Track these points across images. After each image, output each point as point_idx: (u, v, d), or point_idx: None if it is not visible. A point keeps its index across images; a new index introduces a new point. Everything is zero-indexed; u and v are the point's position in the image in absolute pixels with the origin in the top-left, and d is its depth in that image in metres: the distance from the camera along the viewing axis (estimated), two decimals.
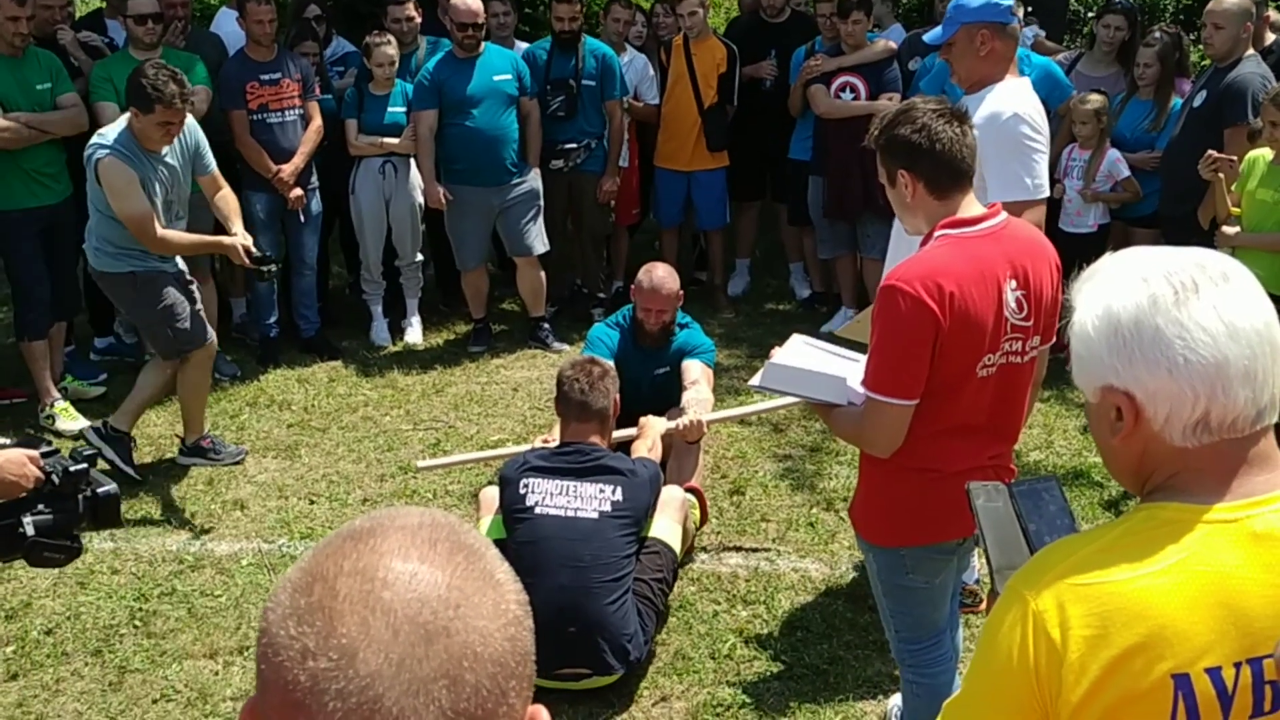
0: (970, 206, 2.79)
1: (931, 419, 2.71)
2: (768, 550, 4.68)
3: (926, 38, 3.97)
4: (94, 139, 4.95)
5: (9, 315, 6.93)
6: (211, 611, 4.27)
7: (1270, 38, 6.20)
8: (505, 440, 5.59)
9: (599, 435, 4.04)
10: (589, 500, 3.78)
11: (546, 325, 6.93)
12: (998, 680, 1.46)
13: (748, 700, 3.78)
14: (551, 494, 3.78)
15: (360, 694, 0.81)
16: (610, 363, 4.39)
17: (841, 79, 6.67)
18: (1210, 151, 5.05)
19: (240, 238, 5.11)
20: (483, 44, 6.58)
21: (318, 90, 6.53)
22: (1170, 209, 5.56)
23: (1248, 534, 1.40)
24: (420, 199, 6.73)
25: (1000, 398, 2.78)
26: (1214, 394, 1.39)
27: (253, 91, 6.22)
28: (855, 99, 6.66)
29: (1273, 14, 6.62)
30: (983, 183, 3.63)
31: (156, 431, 5.74)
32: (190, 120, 5.10)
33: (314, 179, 6.53)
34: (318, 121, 6.42)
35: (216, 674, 3.93)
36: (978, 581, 4.11)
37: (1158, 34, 6.37)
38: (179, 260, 5.20)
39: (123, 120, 4.97)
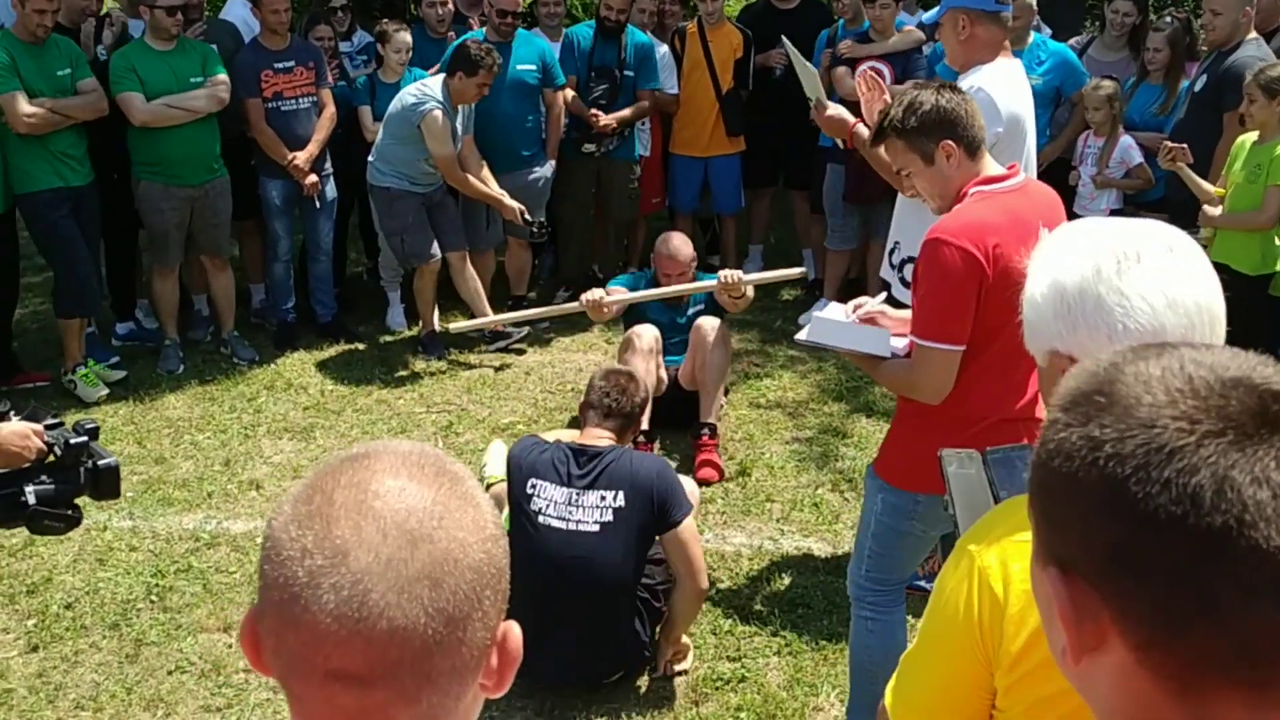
0: (992, 166, 2.93)
1: (975, 365, 2.83)
2: (771, 530, 4.74)
3: (924, 18, 4.10)
4: (423, 93, 6.13)
5: (32, 301, 7.08)
6: (226, 587, 4.38)
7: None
8: (516, 424, 5.67)
9: (615, 436, 3.97)
10: (590, 510, 3.75)
11: (526, 303, 7.10)
12: (946, 632, 1.53)
13: (748, 675, 3.85)
14: (555, 502, 3.77)
15: (351, 587, 0.90)
16: (639, 373, 4.32)
17: (868, 63, 6.68)
18: (1165, 143, 5.16)
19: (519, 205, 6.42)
20: (516, 32, 6.70)
21: (330, 78, 6.61)
22: (1175, 193, 5.58)
23: None
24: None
25: None
26: None
27: (267, 80, 6.31)
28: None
29: None
30: None
31: (175, 414, 5.86)
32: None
33: (329, 165, 6.63)
34: (331, 109, 6.51)
35: (230, 647, 4.03)
36: None
37: (1168, 19, 6.37)
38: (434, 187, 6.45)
39: (439, 80, 6.20)
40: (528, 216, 6.42)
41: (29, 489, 2.42)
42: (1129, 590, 0.82)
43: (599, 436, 3.92)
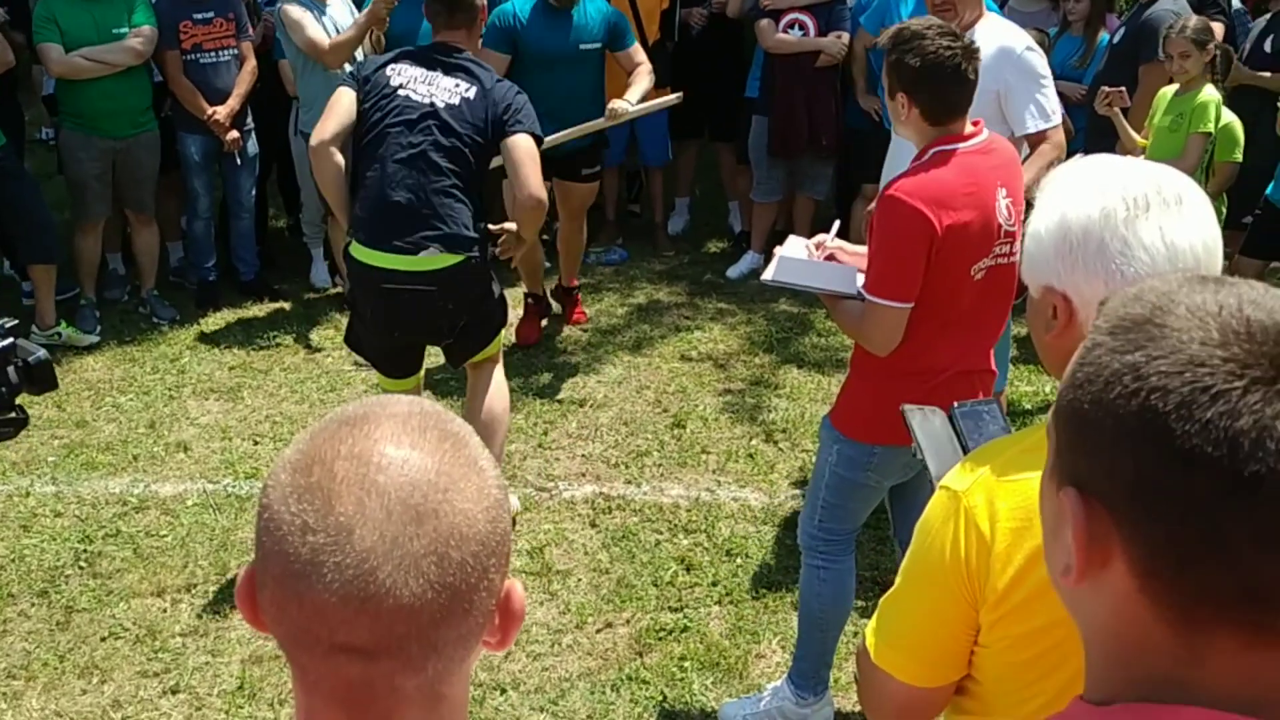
0: (960, 127, 2.94)
1: (927, 320, 2.89)
2: (708, 481, 4.78)
3: None
4: None
5: None
6: (157, 551, 4.30)
7: None
8: (449, 379, 5.62)
9: (467, 38, 4.17)
10: (444, 92, 3.97)
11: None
12: (932, 573, 1.55)
13: (689, 624, 3.89)
14: (415, 79, 3.98)
15: (356, 567, 0.88)
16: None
17: (790, 16, 6.67)
18: (1103, 88, 5.24)
19: None
20: None
21: (251, 30, 6.44)
22: (1094, 145, 5.68)
23: None
24: None
25: (988, 297, 2.97)
26: None
27: (186, 31, 6.12)
28: (804, 36, 6.67)
29: None
30: (998, 114, 3.78)
31: (95, 376, 5.71)
32: None
33: (249, 121, 6.46)
34: (252, 62, 6.33)
35: (164, 611, 3.97)
36: None
37: None
38: None
39: None
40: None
41: None
42: (1145, 520, 0.82)
43: (454, 37, 4.13)
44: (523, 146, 3.96)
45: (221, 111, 6.17)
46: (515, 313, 6.31)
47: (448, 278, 3.91)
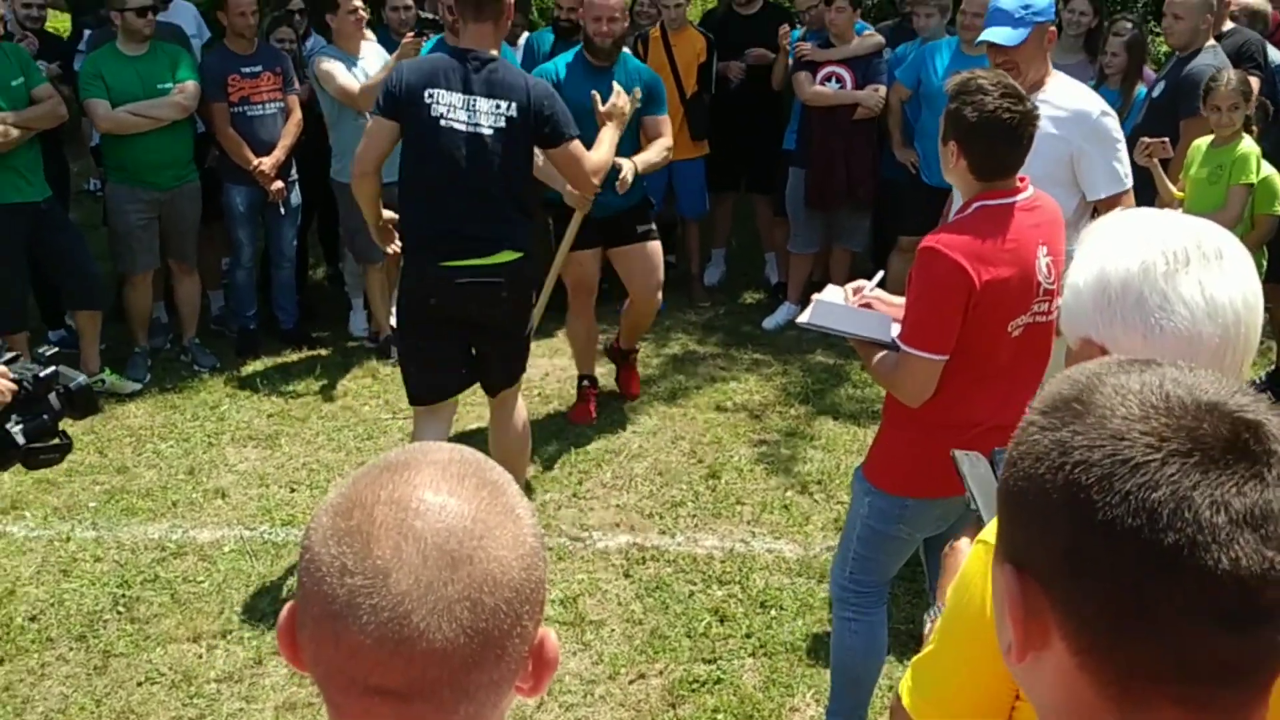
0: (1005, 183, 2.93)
1: (962, 373, 2.87)
2: (743, 532, 4.76)
3: (997, 39, 3.73)
4: (314, 55, 6.10)
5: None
6: (194, 597, 4.33)
7: (1229, 25, 6.31)
8: (483, 429, 5.63)
9: (494, 39, 4.20)
10: (486, 116, 4.06)
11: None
12: (969, 628, 1.54)
13: (723, 676, 3.86)
14: (454, 106, 4.05)
15: (392, 609, 0.90)
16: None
17: (827, 69, 6.72)
18: (1143, 139, 5.21)
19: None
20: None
21: (297, 83, 6.57)
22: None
23: None
24: None
25: (1025, 353, 2.95)
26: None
27: (234, 84, 6.26)
28: (841, 89, 6.71)
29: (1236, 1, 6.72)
30: (1070, 176, 3.75)
31: (137, 423, 5.78)
32: None
33: (293, 172, 6.58)
34: (297, 114, 6.46)
35: (200, 657, 3.99)
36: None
37: (1126, 24, 6.46)
38: None
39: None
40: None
41: (15, 429, 2.43)
42: (1076, 594, 0.84)
43: (481, 38, 4.13)
44: (565, 156, 4.22)
45: (267, 162, 6.29)
46: (552, 377, 6.36)
47: (513, 270, 4.19)
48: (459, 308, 4.17)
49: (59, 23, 8.99)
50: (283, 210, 6.53)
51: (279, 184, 6.40)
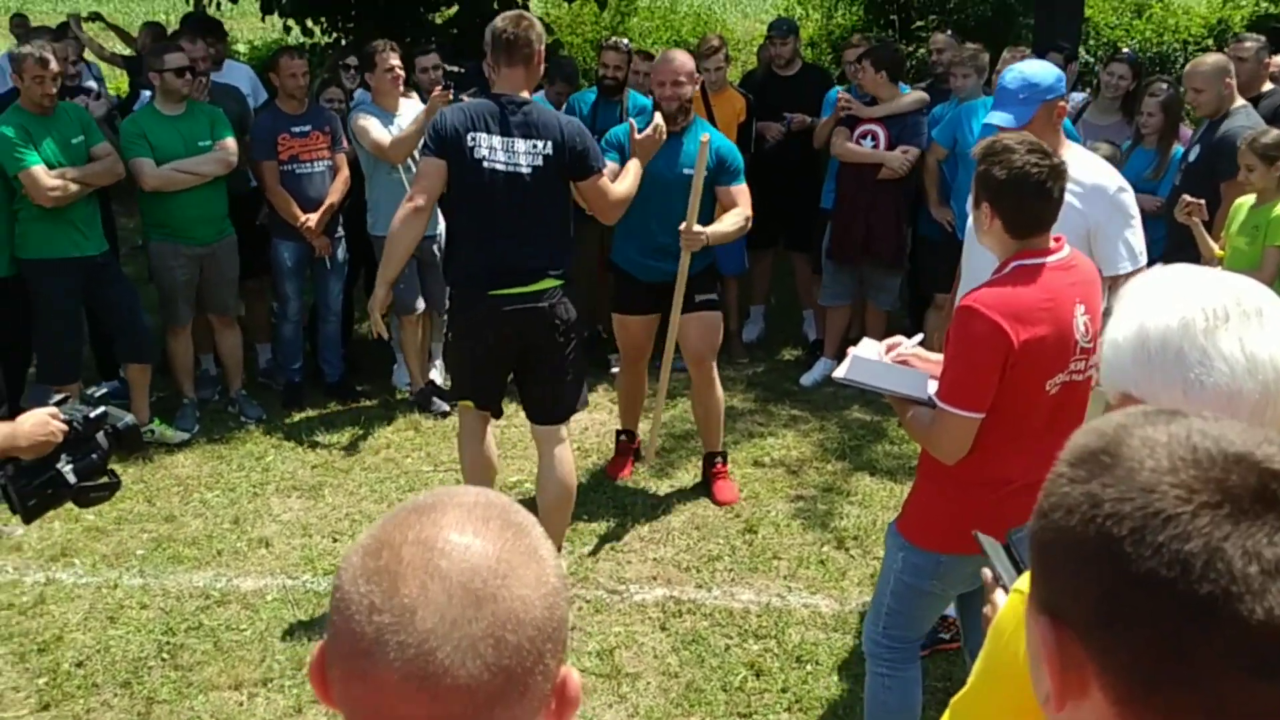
0: (1041, 242, 2.96)
1: (998, 431, 2.90)
2: (779, 586, 4.77)
3: (1000, 122, 3.73)
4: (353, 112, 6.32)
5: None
6: (237, 645, 4.39)
7: (1269, 86, 6.34)
8: (524, 481, 5.71)
9: (525, 83, 4.46)
10: (524, 156, 4.36)
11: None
12: (1005, 678, 1.57)
13: None
14: (494, 148, 4.34)
15: (418, 646, 0.94)
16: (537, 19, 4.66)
17: (864, 126, 6.80)
18: (1184, 197, 5.25)
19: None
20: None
21: (345, 143, 6.73)
22: (1174, 256, 5.69)
23: None
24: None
25: (1062, 412, 2.96)
26: None
27: (284, 143, 6.43)
28: (875, 147, 6.79)
29: (1277, 60, 6.75)
30: (1086, 250, 3.74)
31: (184, 472, 5.90)
32: None
33: (340, 228, 6.72)
34: (345, 172, 6.61)
35: (241, 705, 4.05)
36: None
37: (1162, 85, 6.51)
38: None
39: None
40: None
41: (66, 468, 2.53)
42: (1112, 644, 0.86)
43: (514, 82, 4.41)
44: (593, 189, 4.53)
45: (313, 218, 6.44)
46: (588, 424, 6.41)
47: (554, 294, 4.46)
48: (507, 330, 4.44)
49: (121, 83, 9.24)
50: (329, 265, 6.67)
51: (325, 240, 6.55)
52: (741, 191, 5.39)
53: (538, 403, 4.64)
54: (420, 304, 6.65)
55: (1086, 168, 3.76)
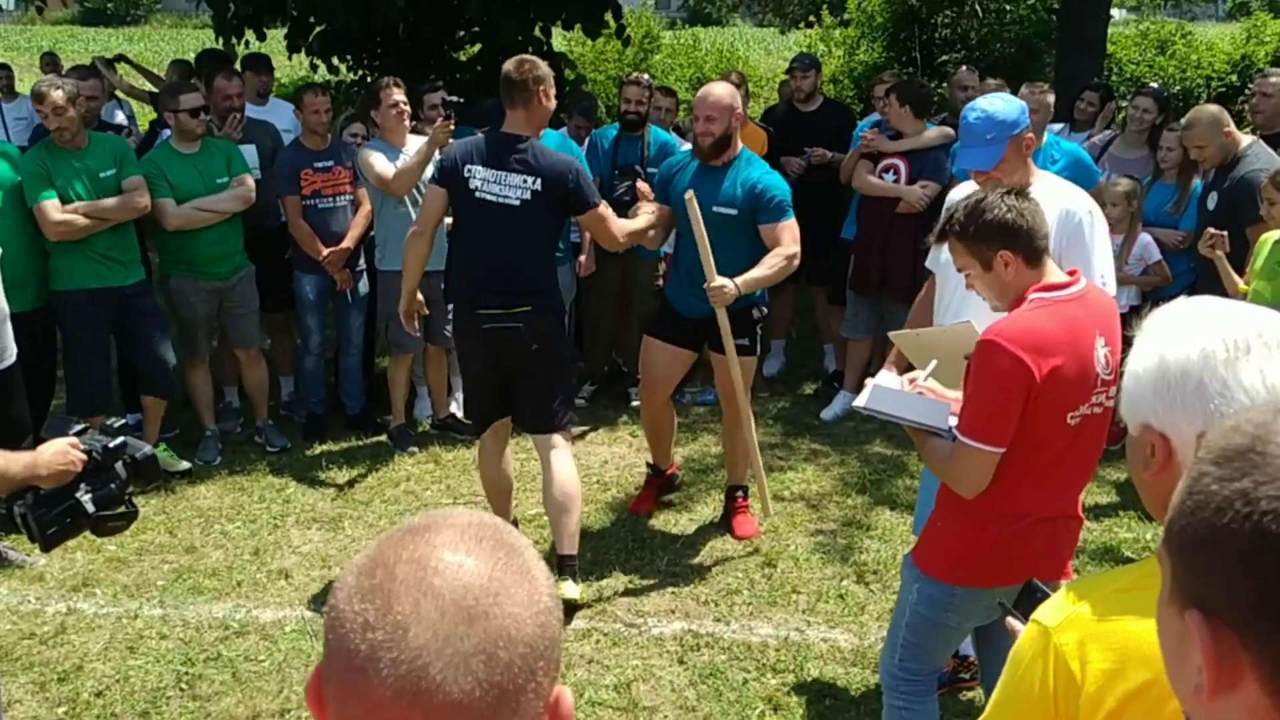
0: (1054, 273, 2.99)
1: (1017, 463, 2.89)
2: (798, 621, 4.75)
3: (971, 166, 3.83)
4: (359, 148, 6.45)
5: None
6: (255, 676, 4.40)
7: None
8: (541, 514, 5.69)
9: (525, 123, 4.79)
10: (513, 189, 4.73)
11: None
12: (1021, 705, 1.57)
13: None
14: (486, 180, 4.74)
15: (410, 663, 0.94)
16: (543, 63, 4.92)
17: (887, 160, 6.82)
18: (1209, 230, 5.25)
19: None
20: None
21: None
22: (1204, 289, 5.67)
23: None
24: None
25: (1081, 444, 2.97)
26: None
27: (307, 178, 6.50)
28: (896, 181, 6.81)
29: None
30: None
31: (206, 504, 5.92)
32: None
33: (361, 262, 6.78)
34: (367, 207, 6.67)
35: None
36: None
37: (1183, 119, 6.51)
38: None
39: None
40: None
41: (84, 497, 2.56)
42: (1270, 638, 0.87)
43: (515, 122, 4.78)
44: (591, 220, 4.92)
45: (335, 253, 6.49)
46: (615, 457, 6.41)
47: (529, 317, 4.81)
48: (488, 346, 4.86)
49: (152, 116, 9.34)
50: (350, 299, 6.72)
51: (346, 273, 6.60)
52: (786, 229, 5.10)
53: (521, 413, 5.04)
54: (416, 346, 6.63)
55: (1056, 194, 3.75)
